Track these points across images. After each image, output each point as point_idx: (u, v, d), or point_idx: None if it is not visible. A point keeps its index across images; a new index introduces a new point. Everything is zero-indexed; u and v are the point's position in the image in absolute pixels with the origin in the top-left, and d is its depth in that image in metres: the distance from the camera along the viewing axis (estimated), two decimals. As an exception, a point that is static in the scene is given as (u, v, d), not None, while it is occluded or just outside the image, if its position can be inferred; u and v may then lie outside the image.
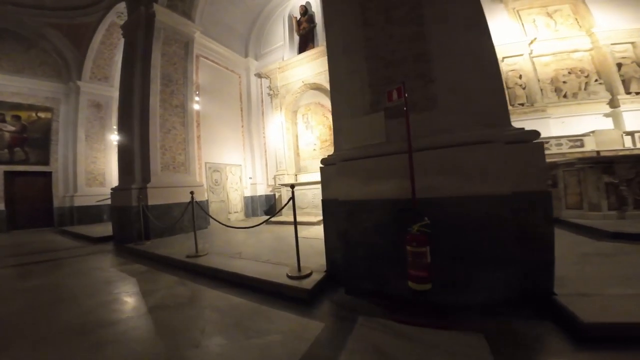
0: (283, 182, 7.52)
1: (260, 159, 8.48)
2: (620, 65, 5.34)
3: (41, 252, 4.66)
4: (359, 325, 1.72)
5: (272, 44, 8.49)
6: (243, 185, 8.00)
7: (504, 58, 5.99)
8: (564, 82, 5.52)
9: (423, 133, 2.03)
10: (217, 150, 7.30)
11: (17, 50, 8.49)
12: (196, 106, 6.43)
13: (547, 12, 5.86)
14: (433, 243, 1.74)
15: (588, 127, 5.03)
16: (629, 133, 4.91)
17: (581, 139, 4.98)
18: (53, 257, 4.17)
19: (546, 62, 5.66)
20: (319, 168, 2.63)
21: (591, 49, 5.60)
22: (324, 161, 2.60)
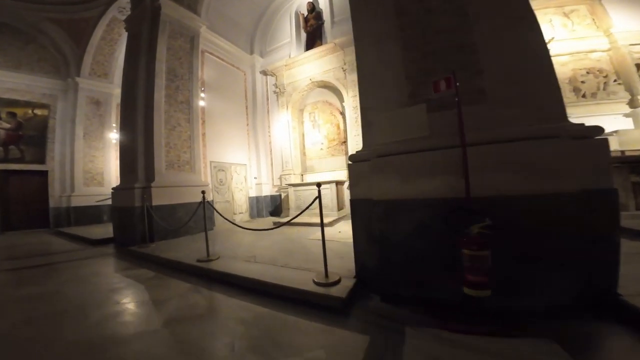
0: (290, 182, 7.30)
1: (265, 159, 8.26)
2: (639, 65, 5.24)
3: (37, 255, 4.38)
4: (409, 336, 1.54)
5: (278, 41, 8.30)
6: (248, 185, 7.76)
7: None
8: (583, 82, 5.40)
9: (472, 127, 1.84)
10: (222, 148, 7.06)
11: (15, 45, 8.19)
12: (201, 103, 6.20)
13: (564, 12, 5.76)
14: (493, 245, 1.56)
15: (608, 128, 4.89)
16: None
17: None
18: (50, 261, 3.89)
19: (564, 62, 5.54)
20: (347, 165, 2.43)
21: (609, 49, 5.52)
22: (353, 157, 2.39)
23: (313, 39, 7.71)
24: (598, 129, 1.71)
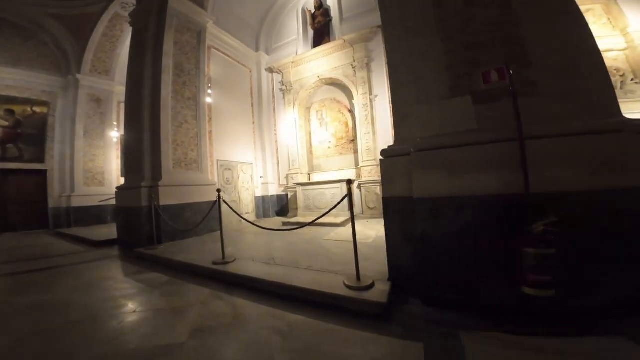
0: (297, 181, 7.14)
1: (271, 158, 8.08)
2: (656, 64, 5.16)
3: (38, 258, 4.17)
4: (466, 340, 1.42)
5: (284, 38, 8.14)
6: (254, 184, 7.58)
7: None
8: (600, 80, 5.30)
9: (523, 120, 1.71)
10: (229, 147, 6.88)
11: (14, 41, 7.96)
12: (208, 99, 6.02)
13: (580, 11, 5.68)
14: (558, 243, 1.44)
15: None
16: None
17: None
18: (53, 264, 3.69)
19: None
20: (379, 161, 2.26)
21: (626, 49, 5.51)
22: (386, 152, 2.24)
23: (321, 36, 7.56)
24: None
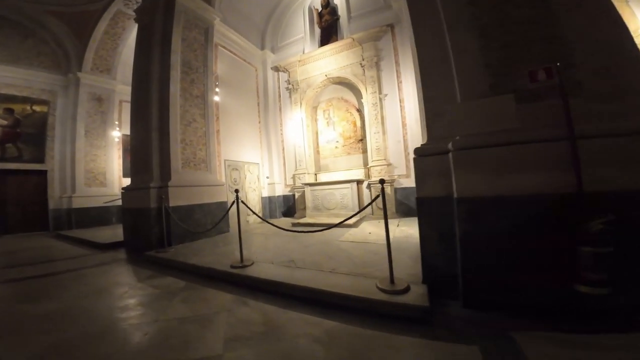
0: (305, 182, 7.02)
1: (277, 158, 7.96)
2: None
3: (42, 262, 4.02)
4: (523, 342, 1.38)
5: (290, 37, 8.03)
6: (261, 185, 7.45)
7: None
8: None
9: (561, 121, 1.68)
10: (236, 146, 6.74)
11: (13, 38, 7.76)
12: (215, 98, 5.89)
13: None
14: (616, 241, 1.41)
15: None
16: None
17: None
18: (59, 269, 3.54)
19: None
20: (413, 159, 2.16)
21: None
22: (420, 151, 2.14)
23: (328, 35, 7.46)
24: None
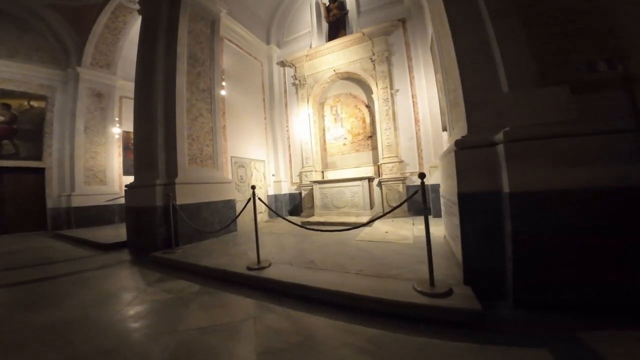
0: (312, 179, 6.83)
1: (283, 155, 7.76)
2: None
3: (42, 264, 3.79)
4: (596, 343, 1.29)
5: (297, 32, 7.83)
6: (267, 182, 7.25)
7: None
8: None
9: (626, 113, 1.53)
10: (242, 143, 6.54)
11: (12, 33, 7.51)
12: (222, 92, 5.68)
13: None
14: None
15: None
16: None
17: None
18: (60, 272, 3.33)
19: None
20: (454, 152, 1.97)
21: None
22: (461, 143, 1.96)
23: (336, 30, 7.27)
24: None
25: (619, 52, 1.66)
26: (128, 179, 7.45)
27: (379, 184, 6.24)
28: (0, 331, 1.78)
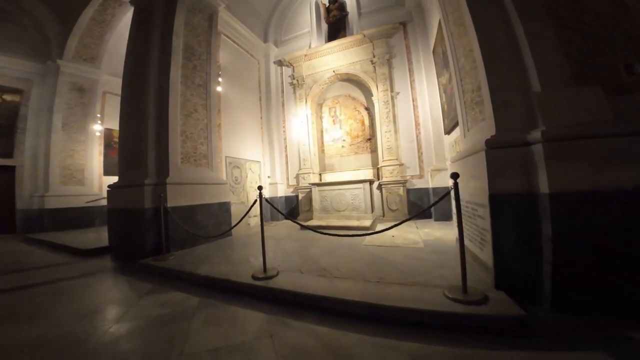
0: (310, 181, 6.64)
1: (279, 156, 7.52)
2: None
3: (12, 272, 3.34)
4: None
5: (295, 31, 7.69)
6: (262, 184, 6.95)
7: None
8: None
9: None
10: (237, 142, 6.25)
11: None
12: (218, 88, 5.40)
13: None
14: None
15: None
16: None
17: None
18: (34, 280, 2.91)
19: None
20: (485, 152, 1.86)
21: None
22: (492, 143, 1.85)
23: (336, 31, 7.20)
24: None
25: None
26: (109, 179, 6.92)
27: (379, 187, 6.14)
28: (-46, 359, 1.45)
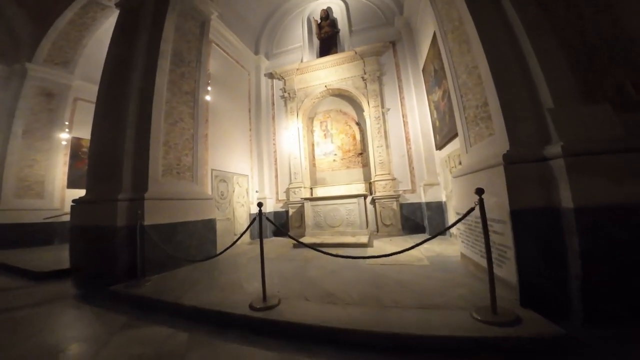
0: (301, 196, 6.41)
1: (269, 169, 7.23)
2: None
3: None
4: None
5: (287, 45, 7.74)
6: (250, 199, 6.59)
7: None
8: None
9: None
10: (225, 155, 5.91)
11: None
12: (207, 97, 5.14)
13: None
14: None
15: None
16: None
17: None
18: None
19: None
20: (503, 167, 1.79)
21: None
22: (510, 158, 1.80)
23: (328, 47, 7.34)
24: None
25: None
26: (74, 193, 6.20)
27: (372, 202, 6.04)
28: None
